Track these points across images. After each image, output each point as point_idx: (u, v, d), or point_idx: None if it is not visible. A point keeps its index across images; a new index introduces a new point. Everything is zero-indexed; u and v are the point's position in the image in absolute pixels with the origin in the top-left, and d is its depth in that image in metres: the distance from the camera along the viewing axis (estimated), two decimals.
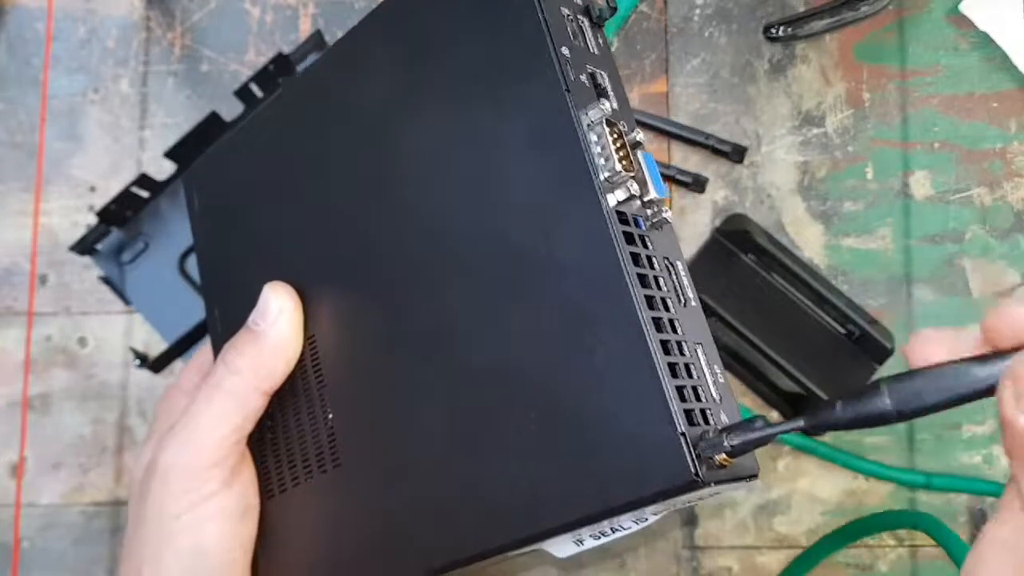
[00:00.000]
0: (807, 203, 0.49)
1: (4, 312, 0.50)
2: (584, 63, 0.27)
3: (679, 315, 0.26)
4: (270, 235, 0.35)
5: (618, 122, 0.26)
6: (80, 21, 0.52)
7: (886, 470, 0.47)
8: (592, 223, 0.25)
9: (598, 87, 0.27)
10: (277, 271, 0.34)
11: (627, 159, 0.26)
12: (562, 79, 0.26)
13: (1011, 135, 0.49)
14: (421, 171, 0.30)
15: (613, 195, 0.25)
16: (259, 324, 0.32)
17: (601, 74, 0.28)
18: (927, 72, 0.50)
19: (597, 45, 0.29)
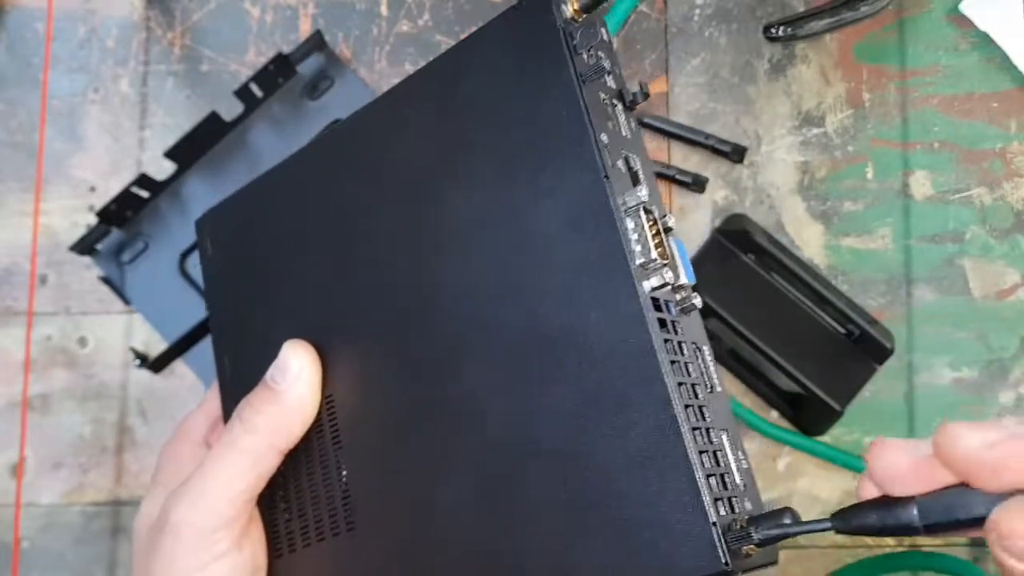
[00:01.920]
0: (807, 203, 0.49)
1: (4, 312, 0.50)
2: (620, 148, 0.27)
3: (707, 401, 0.26)
4: (289, 289, 0.34)
5: (652, 208, 0.27)
6: (80, 21, 0.52)
7: None
8: (627, 308, 0.25)
9: (632, 172, 0.27)
10: (295, 326, 0.33)
11: (661, 246, 0.26)
12: (601, 166, 0.26)
13: (1011, 135, 0.49)
14: (455, 241, 0.30)
15: (648, 281, 0.26)
16: (278, 383, 0.32)
17: (634, 158, 0.28)
18: (927, 72, 0.50)
19: (629, 129, 0.28)
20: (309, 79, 0.50)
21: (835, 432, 0.48)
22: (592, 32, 0.27)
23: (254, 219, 0.36)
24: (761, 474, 0.48)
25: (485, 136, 0.29)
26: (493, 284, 0.29)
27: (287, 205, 0.35)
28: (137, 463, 0.49)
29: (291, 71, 0.50)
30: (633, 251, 0.26)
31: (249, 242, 0.36)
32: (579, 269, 0.27)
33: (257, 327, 0.35)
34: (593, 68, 0.27)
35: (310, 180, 0.34)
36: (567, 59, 0.27)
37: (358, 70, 0.51)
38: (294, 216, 0.35)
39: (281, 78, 0.49)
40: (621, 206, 0.26)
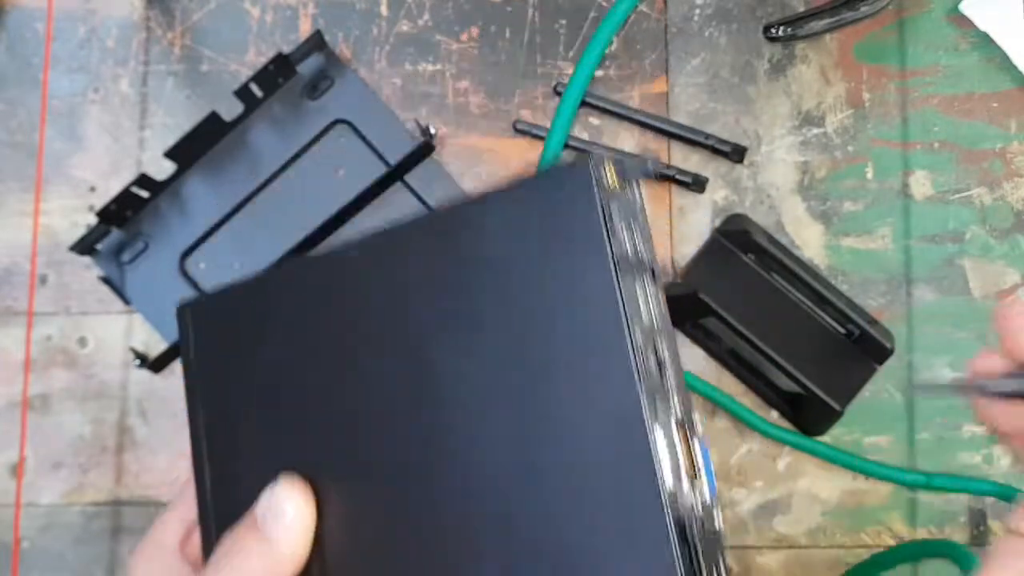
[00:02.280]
0: (807, 203, 0.49)
1: (4, 312, 0.50)
2: (650, 337, 0.25)
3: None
4: (281, 410, 0.32)
5: (685, 417, 0.25)
6: (80, 21, 0.52)
7: (886, 470, 0.47)
8: (653, 532, 0.24)
9: (661, 365, 0.25)
10: (285, 454, 0.31)
11: (690, 457, 0.24)
12: (636, 371, 0.24)
13: (1011, 135, 0.49)
14: (463, 408, 0.27)
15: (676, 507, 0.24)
16: (271, 528, 0.30)
17: (663, 347, 0.25)
18: (927, 72, 0.50)
19: (660, 308, 0.26)
20: (309, 79, 0.50)
21: (835, 432, 0.48)
22: (631, 206, 0.25)
23: (247, 323, 0.33)
24: (761, 474, 0.48)
25: (501, 304, 0.27)
26: (503, 466, 0.26)
27: (285, 317, 0.32)
28: (137, 463, 0.49)
29: (291, 71, 0.50)
30: (663, 473, 0.24)
31: (238, 347, 0.33)
32: (603, 482, 0.24)
33: (243, 444, 0.32)
34: (632, 257, 0.25)
35: (311, 297, 0.32)
36: (604, 243, 0.24)
37: (358, 70, 0.51)
38: (292, 331, 0.32)
39: (281, 78, 0.49)
40: (653, 419, 0.24)
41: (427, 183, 0.49)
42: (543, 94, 0.50)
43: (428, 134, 0.48)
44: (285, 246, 0.48)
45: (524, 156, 0.50)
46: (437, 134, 0.50)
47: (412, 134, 0.50)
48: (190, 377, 0.34)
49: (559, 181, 0.25)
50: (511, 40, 0.51)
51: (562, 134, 0.48)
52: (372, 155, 0.50)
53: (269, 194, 0.50)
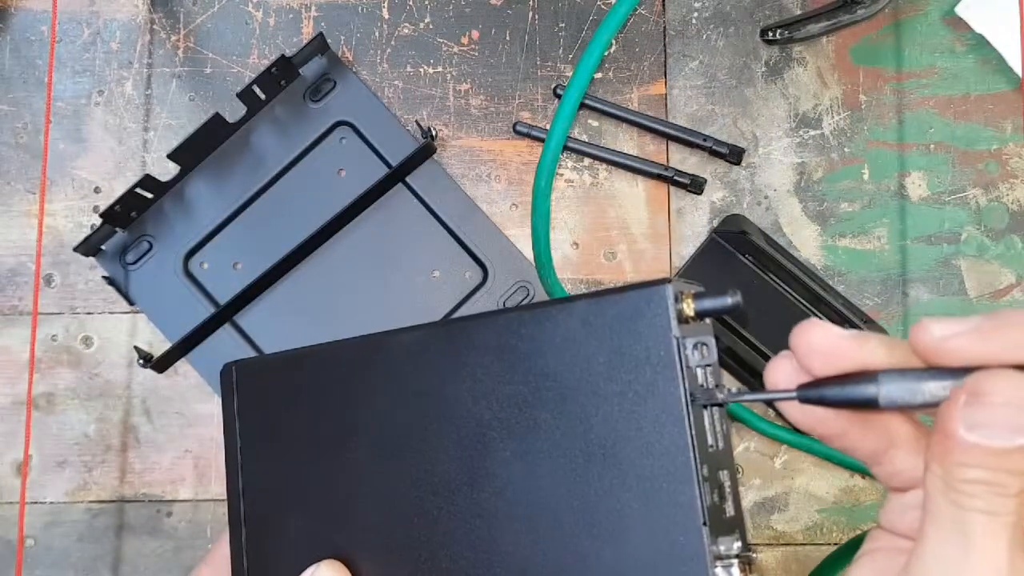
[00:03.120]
0: (804, 204, 0.50)
1: (9, 312, 0.50)
2: (716, 469, 0.24)
3: None
4: (322, 486, 0.32)
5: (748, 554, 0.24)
6: (84, 23, 0.52)
7: None
8: None
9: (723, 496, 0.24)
10: (324, 530, 0.31)
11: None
12: (702, 509, 0.23)
13: (1006, 136, 0.50)
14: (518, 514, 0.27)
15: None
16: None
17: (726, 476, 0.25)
18: (923, 74, 0.50)
19: (724, 438, 0.25)
20: (311, 81, 0.50)
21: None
22: (704, 335, 0.24)
23: (296, 395, 0.33)
24: (759, 472, 0.49)
25: (563, 421, 0.26)
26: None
27: (335, 394, 0.32)
28: (141, 462, 0.49)
29: (293, 73, 0.50)
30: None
31: (284, 417, 0.33)
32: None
33: (281, 514, 0.33)
34: (701, 387, 0.24)
35: (365, 378, 0.32)
36: (677, 375, 0.24)
37: (360, 72, 0.51)
38: (341, 410, 0.32)
39: (283, 80, 0.50)
40: (715, 555, 0.23)
41: (428, 184, 0.50)
42: (543, 96, 0.51)
43: (429, 136, 0.48)
44: (288, 246, 0.48)
45: (524, 157, 0.51)
46: (438, 136, 0.50)
47: (413, 136, 0.50)
48: (231, 436, 0.34)
49: (636, 305, 0.25)
50: (511, 43, 0.51)
51: (561, 136, 0.49)
52: (373, 156, 0.50)
53: (272, 195, 0.50)
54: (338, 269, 0.50)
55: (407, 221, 0.50)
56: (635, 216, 0.50)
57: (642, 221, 0.50)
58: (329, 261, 0.50)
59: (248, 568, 0.33)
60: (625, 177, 0.50)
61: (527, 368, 0.27)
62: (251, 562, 0.33)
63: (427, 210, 0.50)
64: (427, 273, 0.50)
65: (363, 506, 0.31)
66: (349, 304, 0.50)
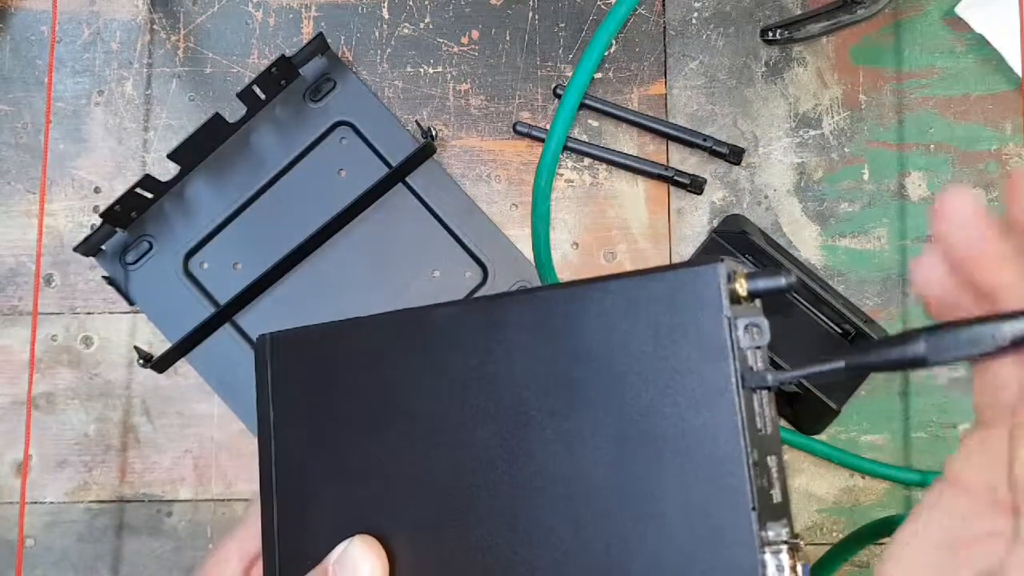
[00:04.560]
0: (804, 204, 0.50)
1: (9, 312, 0.50)
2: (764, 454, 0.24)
3: None
4: (356, 459, 0.32)
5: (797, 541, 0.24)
6: (84, 24, 0.52)
7: (883, 468, 0.48)
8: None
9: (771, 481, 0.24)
10: (358, 505, 0.31)
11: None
12: (751, 495, 0.23)
13: (1006, 136, 0.50)
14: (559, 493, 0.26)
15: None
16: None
17: (774, 461, 0.24)
18: (923, 74, 0.51)
19: (771, 423, 0.24)
20: (311, 81, 0.50)
21: (832, 430, 0.48)
22: (756, 316, 0.24)
23: (331, 367, 0.33)
24: None
25: (609, 398, 0.26)
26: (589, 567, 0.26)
27: (372, 368, 0.32)
28: (141, 462, 0.49)
29: (293, 73, 0.50)
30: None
31: (320, 389, 0.33)
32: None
33: (315, 487, 0.32)
34: (752, 370, 0.24)
35: (403, 353, 0.31)
36: (729, 356, 0.23)
37: (360, 72, 0.51)
38: (378, 384, 0.32)
39: (283, 80, 0.50)
40: (763, 541, 0.23)
41: (428, 184, 0.50)
42: (543, 96, 0.51)
43: (429, 136, 0.48)
44: (288, 247, 0.48)
45: (524, 157, 0.51)
46: (438, 136, 0.50)
47: (413, 136, 0.50)
48: (264, 407, 0.34)
49: (686, 284, 0.24)
50: (511, 43, 0.51)
51: (561, 136, 0.49)
52: (373, 156, 0.50)
53: (272, 195, 0.50)
54: (338, 269, 0.50)
55: (407, 221, 0.50)
56: (635, 216, 0.50)
57: (642, 221, 0.50)
58: (329, 261, 0.50)
59: (279, 541, 0.32)
60: (625, 177, 0.50)
61: (569, 346, 0.26)
62: (283, 535, 0.32)
63: (427, 210, 0.50)
64: (427, 273, 0.50)
65: (398, 482, 0.30)
66: (349, 304, 0.50)
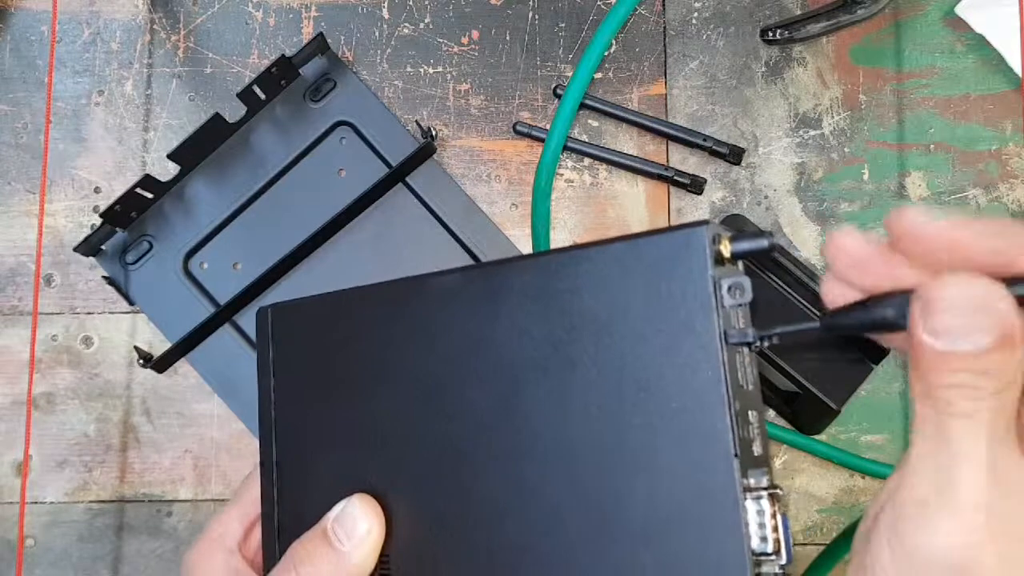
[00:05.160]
0: (804, 204, 0.50)
1: (10, 312, 0.50)
2: (746, 408, 0.25)
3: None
4: (358, 427, 0.32)
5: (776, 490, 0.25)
6: (84, 23, 0.52)
7: (883, 468, 0.48)
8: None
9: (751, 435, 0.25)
10: (357, 467, 0.32)
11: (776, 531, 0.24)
12: (733, 443, 0.24)
13: (1007, 136, 0.50)
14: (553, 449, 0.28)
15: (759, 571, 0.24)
16: (342, 542, 0.30)
17: (755, 416, 0.25)
18: (923, 74, 0.51)
19: (753, 380, 0.26)
20: (311, 81, 0.50)
21: (832, 430, 0.48)
22: (739, 277, 0.25)
23: (331, 336, 0.34)
24: None
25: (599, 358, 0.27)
26: (582, 518, 0.27)
27: (370, 336, 0.33)
28: (141, 462, 0.49)
29: (293, 73, 0.50)
30: (749, 538, 0.24)
31: (320, 358, 0.34)
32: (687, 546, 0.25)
33: (316, 453, 0.33)
34: (738, 331, 0.25)
35: (400, 320, 0.32)
36: (713, 314, 0.25)
37: (360, 72, 0.51)
38: (376, 351, 0.33)
39: (283, 80, 0.50)
40: (745, 487, 0.24)
41: (428, 184, 0.50)
42: (543, 96, 0.51)
43: (429, 136, 0.48)
44: (288, 247, 0.48)
45: (524, 157, 0.51)
46: (438, 136, 0.50)
47: (413, 136, 0.50)
48: (265, 379, 0.35)
49: (673, 246, 0.25)
50: (511, 43, 0.51)
51: (561, 136, 0.49)
52: (373, 156, 0.50)
53: (272, 195, 0.50)
54: (338, 269, 0.50)
55: (407, 221, 0.50)
56: (635, 216, 0.50)
57: (642, 221, 0.50)
58: (329, 261, 0.50)
59: (280, 509, 0.33)
60: (625, 177, 0.50)
61: (563, 308, 0.27)
62: (283, 502, 0.33)
63: (427, 210, 0.50)
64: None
65: (397, 445, 0.31)
66: None
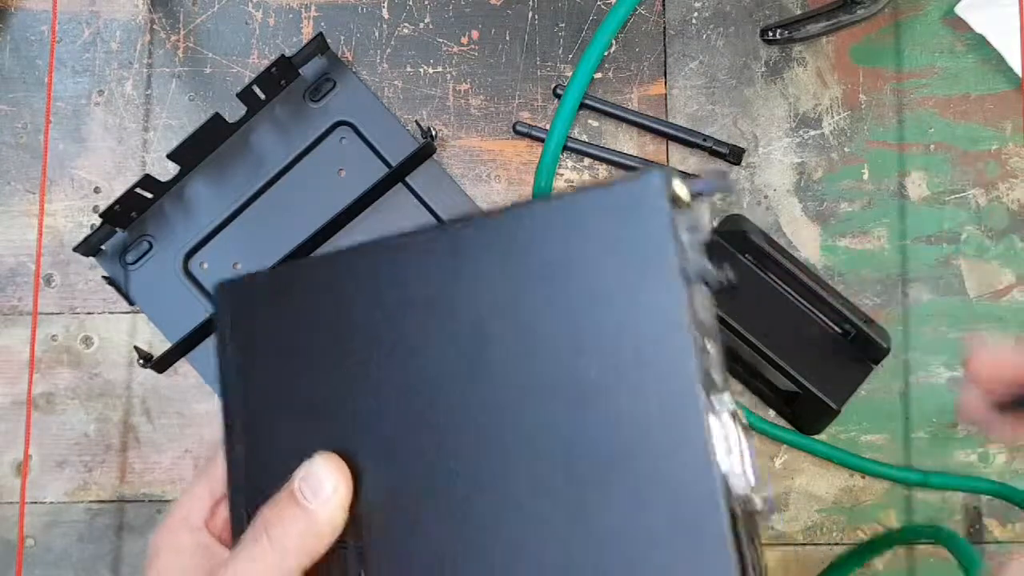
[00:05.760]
0: (804, 204, 0.50)
1: (10, 312, 0.50)
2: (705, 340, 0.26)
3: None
4: (319, 389, 0.33)
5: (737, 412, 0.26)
6: (84, 24, 0.52)
7: (883, 468, 0.48)
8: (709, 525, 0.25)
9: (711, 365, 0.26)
10: (321, 430, 0.32)
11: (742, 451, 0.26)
12: (699, 376, 0.25)
13: (1006, 136, 0.50)
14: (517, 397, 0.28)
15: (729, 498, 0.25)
16: (310, 501, 0.31)
17: (713, 348, 0.26)
18: (923, 74, 0.51)
19: (711, 317, 0.27)
20: (311, 81, 0.50)
21: (832, 430, 0.48)
22: (697, 219, 0.26)
23: (288, 304, 0.34)
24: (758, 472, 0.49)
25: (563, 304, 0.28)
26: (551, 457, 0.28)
27: (328, 302, 0.33)
28: (141, 461, 0.49)
29: (293, 73, 0.50)
30: (718, 464, 0.25)
31: (278, 327, 0.34)
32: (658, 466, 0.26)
33: (278, 421, 0.33)
34: (693, 266, 0.26)
35: (357, 283, 0.33)
36: (674, 254, 0.26)
37: (360, 72, 0.51)
38: (335, 318, 0.33)
39: (283, 80, 0.50)
40: (709, 411, 0.25)
41: (428, 184, 0.50)
42: (543, 96, 0.51)
43: (429, 136, 0.48)
44: (288, 247, 0.48)
45: (524, 157, 0.51)
46: (438, 136, 0.50)
47: (413, 136, 0.50)
48: (225, 353, 0.35)
49: (632, 190, 0.26)
50: (511, 43, 0.51)
51: (561, 136, 0.49)
52: (373, 156, 0.50)
53: (272, 195, 0.50)
54: None
55: (407, 221, 0.50)
56: None
57: None
58: None
59: (246, 478, 0.33)
60: None
61: (526, 259, 0.28)
62: (249, 471, 0.33)
63: (427, 210, 0.50)
64: None
65: (362, 406, 0.31)
66: None
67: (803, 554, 0.48)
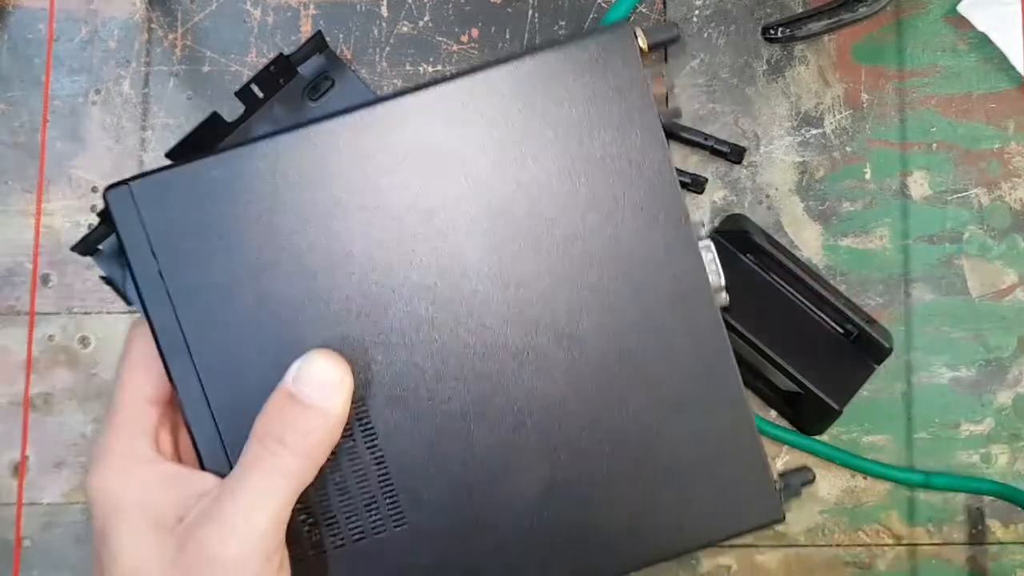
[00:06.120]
0: (805, 203, 0.50)
1: (6, 312, 0.50)
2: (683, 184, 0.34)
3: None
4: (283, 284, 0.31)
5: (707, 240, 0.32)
6: (82, 22, 0.52)
7: (885, 469, 0.48)
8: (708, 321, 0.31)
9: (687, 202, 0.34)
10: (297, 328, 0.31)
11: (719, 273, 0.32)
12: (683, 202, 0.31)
13: (1009, 135, 0.50)
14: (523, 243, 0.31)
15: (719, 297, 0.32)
16: (313, 397, 0.29)
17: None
18: (925, 73, 0.50)
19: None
20: (310, 80, 0.50)
21: (834, 431, 0.48)
22: (660, 72, 0.32)
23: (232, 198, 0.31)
24: None
25: (555, 148, 0.31)
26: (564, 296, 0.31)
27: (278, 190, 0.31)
28: None
29: (292, 72, 0.50)
30: (711, 282, 0.31)
31: (223, 226, 0.31)
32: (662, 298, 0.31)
33: (241, 327, 0.31)
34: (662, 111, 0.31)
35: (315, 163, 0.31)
36: (647, 91, 0.30)
37: (359, 71, 0.51)
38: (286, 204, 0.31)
39: (282, 79, 0.50)
40: (704, 252, 0.31)
41: None
42: None
43: None
44: None
45: None
46: None
47: None
48: (142, 264, 0.32)
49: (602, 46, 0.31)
50: (511, 41, 0.51)
51: None
52: None
53: None
54: None
55: None
56: None
57: None
58: None
59: (212, 399, 0.31)
60: None
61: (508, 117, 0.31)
62: (213, 391, 0.31)
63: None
64: None
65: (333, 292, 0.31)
66: None
67: (805, 555, 0.48)
